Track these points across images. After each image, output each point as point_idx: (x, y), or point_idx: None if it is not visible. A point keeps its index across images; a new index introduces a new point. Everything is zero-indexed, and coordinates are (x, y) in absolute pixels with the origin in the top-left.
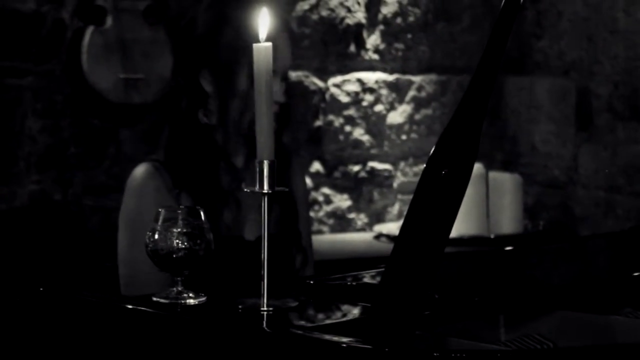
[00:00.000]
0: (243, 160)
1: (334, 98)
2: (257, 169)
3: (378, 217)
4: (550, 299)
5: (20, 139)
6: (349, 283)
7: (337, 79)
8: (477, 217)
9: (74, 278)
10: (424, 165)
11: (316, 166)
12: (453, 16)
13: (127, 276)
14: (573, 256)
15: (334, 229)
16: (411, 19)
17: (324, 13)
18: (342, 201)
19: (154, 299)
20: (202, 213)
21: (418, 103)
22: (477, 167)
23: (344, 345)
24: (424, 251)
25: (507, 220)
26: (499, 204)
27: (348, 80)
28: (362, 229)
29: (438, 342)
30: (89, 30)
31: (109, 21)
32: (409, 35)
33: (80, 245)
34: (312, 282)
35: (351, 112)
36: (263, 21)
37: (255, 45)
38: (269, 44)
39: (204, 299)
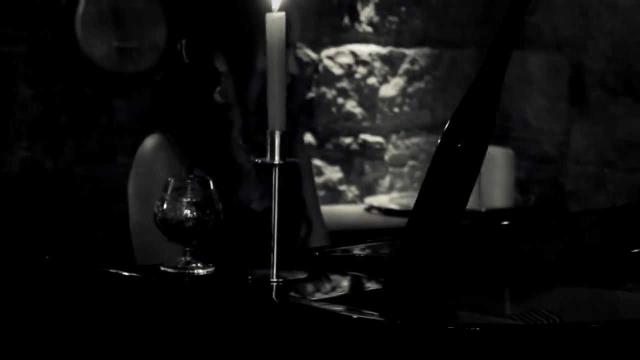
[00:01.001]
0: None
1: (327, 70)
2: (268, 140)
3: (369, 189)
4: (555, 273)
5: (11, 107)
6: (356, 255)
7: (331, 51)
8: None
9: (69, 247)
10: (418, 139)
11: (308, 138)
12: None
13: (141, 246)
14: (567, 232)
15: (325, 201)
16: None
17: None
18: (334, 173)
19: (162, 268)
20: (211, 183)
21: (411, 76)
22: None
23: (355, 317)
24: (439, 225)
25: (499, 194)
26: (490, 177)
27: (341, 53)
28: (353, 201)
29: (448, 316)
30: None
31: None
32: (403, 8)
33: (71, 214)
34: (317, 253)
35: (344, 84)
36: None
37: (268, 14)
38: (282, 13)
39: (212, 269)
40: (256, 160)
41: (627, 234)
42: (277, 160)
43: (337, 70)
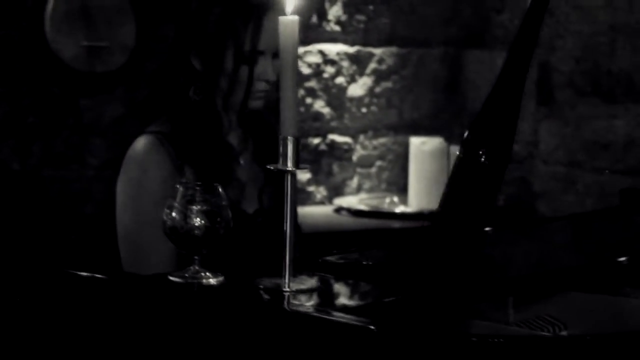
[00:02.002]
0: (237, 139)
1: None
2: (281, 145)
3: (337, 190)
4: (557, 280)
5: None
6: (364, 262)
7: (299, 50)
8: (438, 191)
9: (44, 251)
10: (386, 139)
11: None
12: None
13: (129, 249)
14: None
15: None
16: None
17: None
18: (302, 174)
19: (171, 278)
20: (220, 190)
21: (378, 76)
22: (439, 142)
23: (372, 328)
24: (463, 235)
25: None
26: None
27: (309, 52)
28: (322, 202)
29: (459, 324)
30: None
31: None
32: (371, 7)
33: (41, 216)
34: (321, 260)
35: (312, 84)
36: None
37: (281, 18)
38: (296, 17)
39: (222, 278)
40: (269, 166)
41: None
42: (289, 166)
43: (305, 70)
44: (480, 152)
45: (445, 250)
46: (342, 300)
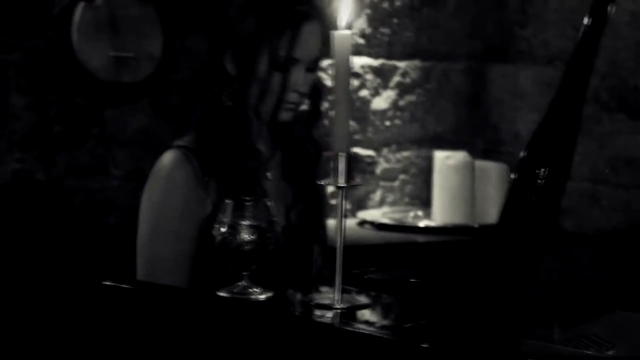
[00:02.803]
0: (266, 147)
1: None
2: (332, 162)
3: (360, 203)
4: (600, 298)
5: (3, 116)
6: (411, 280)
7: (323, 62)
8: (462, 205)
9: (70, 261)
10: (409, 152)
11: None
12: (438, 1)
13: (147, 266)
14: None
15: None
16: (397, 3)
17: None
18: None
19: (219, 293)
20: (270, 205)
21: (402, 89)
22: (463, 156)
23: (425, 347)
24: (524, 254)
25: (492, 209)
26: (484, 193)
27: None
28: (345, 216)
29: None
30: (80, 6)
31: None
32: (395, 20)
33: (64, 227)
34: (366, 277)
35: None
36: (345, 7)
37: (335, 32)
38: (349, 31)
39: (271, 294)
40: (321, 182)
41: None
42: (341, 182)
43: (330, 82)
44: (538, 172)
45: (499, 270)
46: (393, 317)
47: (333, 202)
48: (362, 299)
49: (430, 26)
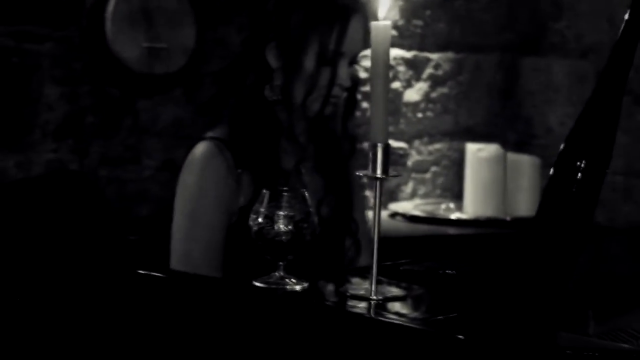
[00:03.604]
0: (301, 145)
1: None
2: (371, 153)
3: (391, 195)
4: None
5: (37, 107)
6: (446, 272)
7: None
8: (494, 198)
9: (101, 251)
10: (441, 145)
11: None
12: None
13: (181, 255)
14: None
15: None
16: None
17: None
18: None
19: (255, 283)
20: (307, 196)
21: (434, 81)
22: (495, 148)
23: (461, 338)
24: (562, 247)
25: (524, 202)
26: (516, 185)
27: (366, 56)
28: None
29: (545, 336)
30: None
31: None
32: (428, 12)
33: (97, 217)
34: (401, 268)
35: (369, 88)
36: None
37: (373, 23)
38: (388, 22)
39: (306, 285)
40: (358, 173)
41: None
42: (379, 174)
43: (362, 74)
44: (578, 164)
45: (537, 262)
46: (429, 309)
47: (368, 193)
48: (397, 291)
49: (463, 18)
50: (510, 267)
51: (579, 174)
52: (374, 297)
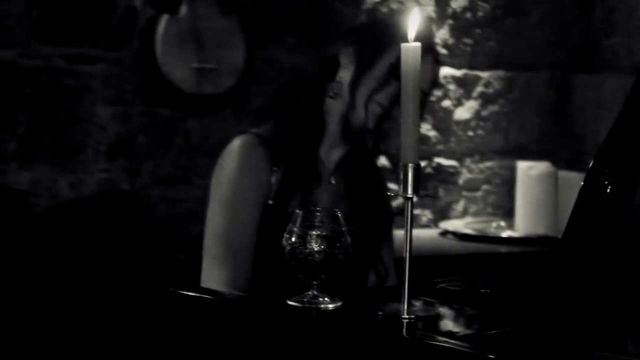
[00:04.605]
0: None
1: None
2: (402, 172)
3: (442, 213)
4: None
5: (89, 127)
6: (481, 290)
7: None
8: (545, 216)
9: (150, 270)
10: (492, 163)
11: (382, 161)
12: (522, 11)
13: (215, 242)
14: None
15: (398, 225)
16: (480, 13)
17: (394, 6)
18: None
19: (289, 302)
20: (340, 216)
21: (485, 99)
22: (546, 166)
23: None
24: (593, 264)
25: None
26: (567, 203)
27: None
28: (427, 226)
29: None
30: (164, 18)
31: (183, 9)
32: (478, 30)
33: (148, 236)
34: (438, 287)
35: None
36: (413, 20)
37: (403, 45)
38: (418, 44)
39: (339, 304)
40: (389, 193)
41: None
42: (409, 193)
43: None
44: (606, 183)
45: (567, 280)
46: (461, 328)
47: (416, 212)
48: (431, 310)
49: (514, 36)
50: (542, 285)
51: (608, 190)
52: (406, 316)
